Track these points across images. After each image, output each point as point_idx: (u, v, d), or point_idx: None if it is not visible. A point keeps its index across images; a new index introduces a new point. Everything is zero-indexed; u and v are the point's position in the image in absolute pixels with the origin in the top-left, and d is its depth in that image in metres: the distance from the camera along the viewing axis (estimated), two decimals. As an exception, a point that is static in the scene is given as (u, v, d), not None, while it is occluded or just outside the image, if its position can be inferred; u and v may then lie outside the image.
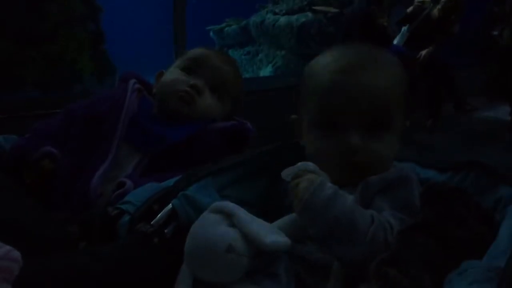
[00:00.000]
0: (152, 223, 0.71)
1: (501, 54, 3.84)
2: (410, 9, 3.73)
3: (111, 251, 0.67)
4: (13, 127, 1.09)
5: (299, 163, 0.68)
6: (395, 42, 3.63)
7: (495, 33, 4.04)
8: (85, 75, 2.99)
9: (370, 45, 0.75)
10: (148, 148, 0.99)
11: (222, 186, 0.79)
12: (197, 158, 0.94)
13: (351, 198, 0.63)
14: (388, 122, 0.68)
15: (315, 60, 0.75)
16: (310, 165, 0.67)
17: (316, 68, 0.73)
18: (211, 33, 6.26)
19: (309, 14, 5.15)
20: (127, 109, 1.03)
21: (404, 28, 3.71)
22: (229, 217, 0.60)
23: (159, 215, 0.72)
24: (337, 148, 0.67)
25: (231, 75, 1.11)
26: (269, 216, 0.69)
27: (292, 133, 0.77)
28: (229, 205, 0.62)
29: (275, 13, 5.47)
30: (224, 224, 0.60)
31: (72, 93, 2.87)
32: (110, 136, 0.99)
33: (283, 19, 5.28)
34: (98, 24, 3.08)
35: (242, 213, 0.60)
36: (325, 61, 0.72)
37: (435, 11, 3.66)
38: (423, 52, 3.64)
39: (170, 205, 0.73)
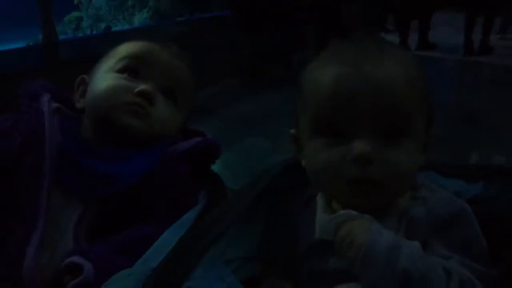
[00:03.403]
0: None
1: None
2: None
3: None
4: None
5: (340, 212, 0.55)
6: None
7: None
8: None
9: (375, 39, 0.66)
10: (93, 194, 0.71)
11: (222, 249, 0.65)
12: (161, 195, 0.74)
13: (417, 245, 0.52)
14: (406, 127, 0.57)
15: (312, 62, 0.64)
16: (353, 212, 0.55)
17: (314, 68, 0.62)
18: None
19: None
20: (50, 142, 0.72)
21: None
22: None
23: None
24: (344, 158, 0.55)
25: (185, 71, 0.84)
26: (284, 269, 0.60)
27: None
28: None
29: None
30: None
31: None
32: (35, 186, 0.69)
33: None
34: None
35: None
36: (325, 59, 0.62)
37: None
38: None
39: None
